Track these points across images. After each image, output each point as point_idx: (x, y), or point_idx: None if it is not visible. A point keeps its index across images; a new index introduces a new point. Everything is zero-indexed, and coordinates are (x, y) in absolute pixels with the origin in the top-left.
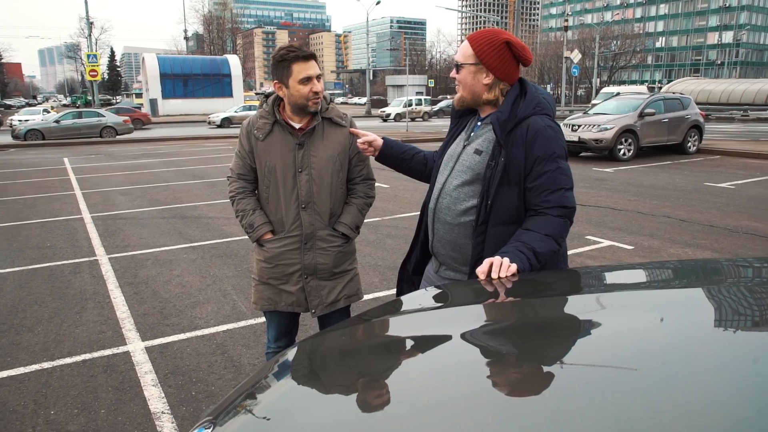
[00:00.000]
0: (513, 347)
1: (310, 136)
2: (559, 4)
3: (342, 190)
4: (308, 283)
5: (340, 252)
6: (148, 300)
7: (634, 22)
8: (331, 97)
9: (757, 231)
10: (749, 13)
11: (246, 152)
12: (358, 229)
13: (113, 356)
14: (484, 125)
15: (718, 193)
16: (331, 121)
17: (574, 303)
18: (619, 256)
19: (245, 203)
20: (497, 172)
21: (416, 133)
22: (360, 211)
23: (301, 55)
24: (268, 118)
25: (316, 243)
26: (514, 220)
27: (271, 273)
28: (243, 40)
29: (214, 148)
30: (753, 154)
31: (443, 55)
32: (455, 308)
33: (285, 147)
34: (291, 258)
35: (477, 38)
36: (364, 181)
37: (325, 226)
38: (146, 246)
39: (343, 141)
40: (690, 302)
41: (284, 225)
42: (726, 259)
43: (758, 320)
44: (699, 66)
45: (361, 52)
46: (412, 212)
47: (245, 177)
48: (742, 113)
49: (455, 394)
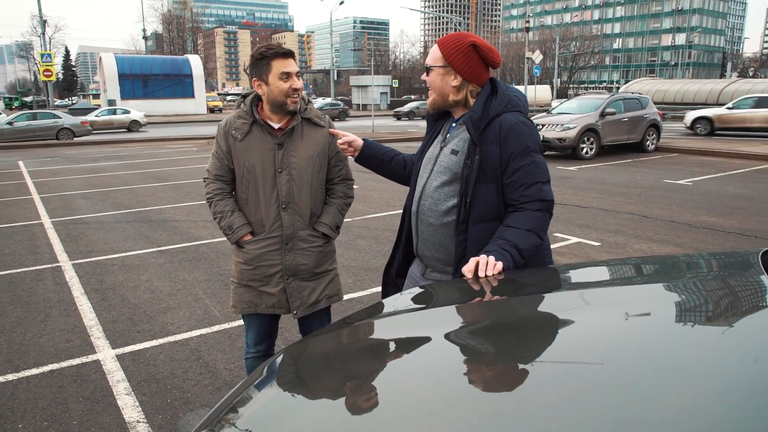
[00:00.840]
0: (497, 346)
1: (290, 136)
2: (519, 5)
3: (322, 191)
4: (289, 284)
5: (321, 252)
6: (117, 306)
7: (592, 24)
8: (309, 98)
9: (714, 226)
10: (700, 17)
11: (223, 153)
12: (338, 229)
13: (83, 365)
14: (458, 126)
15: (677, 189)
16: (310, 121)
17: (558, 300)
18: (587, 253)
19: (223, 205)
20: (473, 170)
21: (382, 133)
22: (340, 211)
23: (281, 52)
24: (247, 118)
25: (296, 243)
26: (494, 216)
27: (251, 275)
28: (204, 39)
29: (177, 149)
30: (708, 151)
31: (407, 56)
32: (440, 309)
33: (264, 147)
34: (272, 259)
35: (445, 42)
36: (343, 182)
37: (305, 226)
38: (111, 251)
39: (322, 141)
40: (664, 298)
41: (264, 226)
42: (687, 255)
43: (728, 314)
44: (654, 67)
45: (325, 52)
46: (382, 213)
47: (222, 178)
48: None
49: (444, 396)
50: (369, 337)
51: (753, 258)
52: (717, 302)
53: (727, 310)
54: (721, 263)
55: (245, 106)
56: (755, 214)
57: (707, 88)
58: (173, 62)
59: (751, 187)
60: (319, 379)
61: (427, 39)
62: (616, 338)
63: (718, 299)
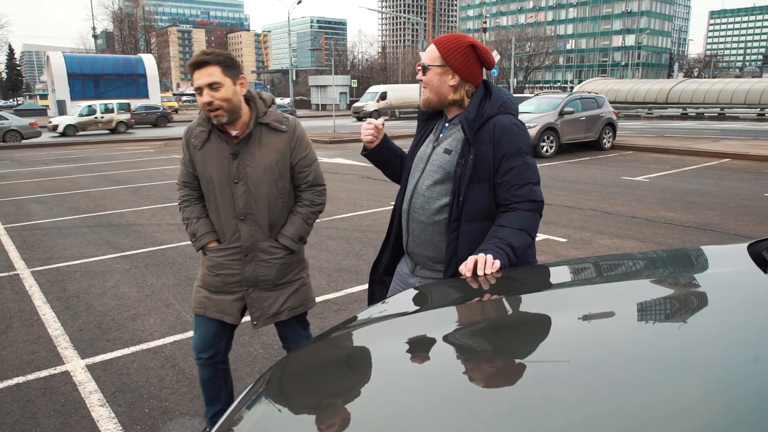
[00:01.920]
0: (497, 346)
1: (246, 145)
2: (476, 6)
3: (283, 200)
4: (249, 294)
5: (283, 264)
6: (83, 315)
7: (546, 25)
8: (273, 99)
9: (673, 221)
10: (648, 19)
11: (187, 161)
12: (302, 240)
13: (51, 377)
14: (451, 126)
15: (635, 186)
16: (269, 126)
17: (559, 298)
18: (555, 249)
19: (190, 211)
20: (467, 170)
21: (342, 133)
22: (305, 221)
23: (192, 63)
24: (205, 125)
25: (257, 255)
26: (486, 215)
27: (213, 281)
28: (157, 38)
29: (133, 151)
30: (661, 149)
31: (365, 56)
32: (439, 310)
33: (221, 156)
34: (232, 268)
35: (443, 42)
36: (310, 188)
37: (266, 237)
38: (72, 257)
39: (282, 148)
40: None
41: (225, 235)
42: (674, 250)
43: (720, 308)
44: (606, 67)
45: (282, 52)
46: (350, 213)
47: (189, 185)
48: (646, 111)
49: (447, 397)
50: (366, 342)
51: (739, 250)
52: (709, 296)
53: (720, 304)
54: (709, 257)
55: (204, 113)
56: (710, 209)
57: (656, 88)
58: (126, 61)
59: (704, 183)
60: (316, 391)
61: (385, 39)
62: (615, 336)
63: (710, 293)
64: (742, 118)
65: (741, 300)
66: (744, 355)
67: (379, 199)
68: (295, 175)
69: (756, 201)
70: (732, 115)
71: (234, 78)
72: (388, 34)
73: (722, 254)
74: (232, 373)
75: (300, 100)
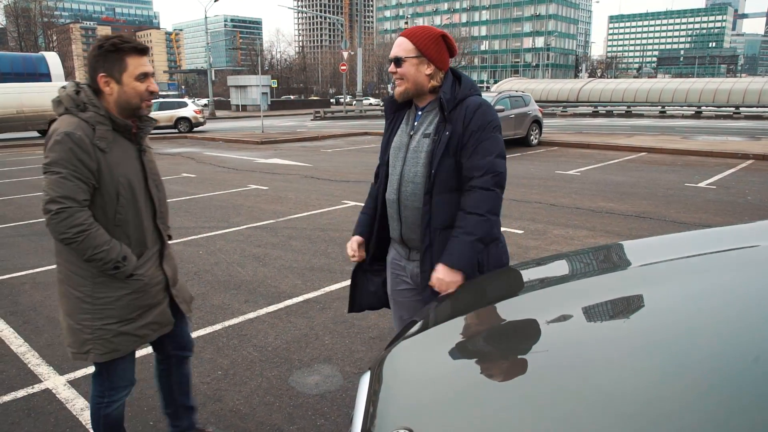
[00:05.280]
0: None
1: (143, 139)
2: (392, 7)
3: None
4: (173, 291)
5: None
6: (46, 329)
7: (461, 26)
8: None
9: (614, 210)
10: (556, 22)
11: (92, 171)
12: None
13: (31, 397)
14: (425, 113)
15: (569, 179)
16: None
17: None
18: (515, 240)
19: (103, 234)
20: (441, 144)
21: (272, 134)
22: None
23: (139, 48)
24: (106, 122)
25: (165, 252)
26: (453, 188)
27: (141, 302)
28: (59, 36)
29: None
30: (584, 144)
31: (284, 55)
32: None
33: (130, 155)
34: (158, 275)
35: (415, 34)
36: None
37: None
38: (14, 269)
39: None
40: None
41: (146, 243)
42: (658, 237)
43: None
44: (518, 67)
45: (194, 51)
46: (304, 213)
47: (88, 203)
48: (561, 109)
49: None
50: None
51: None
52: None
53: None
54: (748, 232)
55: (98, 107)
56: (642, 199)
57: (568, 87)
58: (26, 60)
59: (630, 175)
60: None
61: (303, 39)
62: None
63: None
64: (647, 115)
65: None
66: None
67: (329, 198)
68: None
69: (679, 190)
70: (638, 113)
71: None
72: (305, 34)
73: (745, 232)
74: (232, 378)
75: (219, 101)
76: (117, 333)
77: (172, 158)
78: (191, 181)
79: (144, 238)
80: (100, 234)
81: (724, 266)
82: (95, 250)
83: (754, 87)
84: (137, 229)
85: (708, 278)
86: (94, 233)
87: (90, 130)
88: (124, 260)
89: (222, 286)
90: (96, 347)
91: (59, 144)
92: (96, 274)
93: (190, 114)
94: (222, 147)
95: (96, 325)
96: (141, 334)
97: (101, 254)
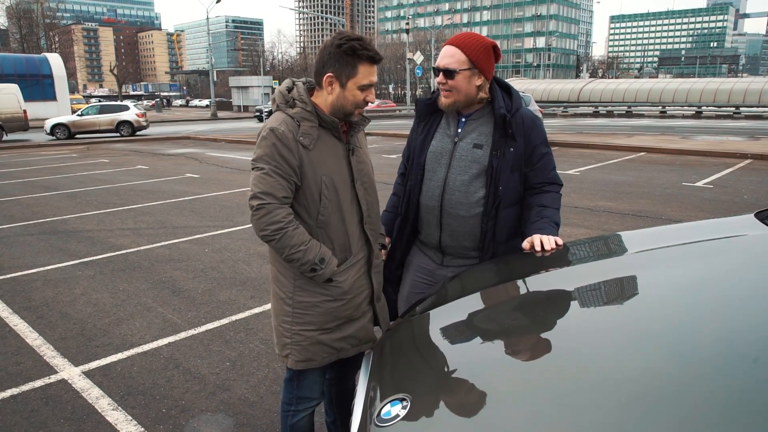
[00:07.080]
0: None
1: (354, 140)
2: (393, 8)
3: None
4: (376, 307)
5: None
6: (60, 323)
7: (462, 27)
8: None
9: (611, 209)
10: (557, 22)
11: (293, 168)
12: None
13: (48, 386)
14: (471, 121)
15: (568, 179)
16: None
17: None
18: None
19: (302, 234)
20: (505, 161)
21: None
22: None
23: (376, 58)
24: (312, 120)
25: (375, 262)
26: (516, 201)
27: (341, 312)
28: (61, 37)
29: (54, 156)
30: (584, 144)
31: (285, 56)
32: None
33: (336, 154)
34: (362, 285)
35: (468, 44)
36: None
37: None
38: (26, 266)
39: (365, 143)
40: None
41: (351, 249)
42: (673, 226)
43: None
44: (519, 67)
45: (196, 52)
46: None
47: (289, 200)
48: (562, 110)
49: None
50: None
51: (749, 220)
52: (745, 255)
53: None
54: (725, 226)
55: (306, 104)
56: (640, 198)
57: (569, 87)
58: (29, 61)
59: (629, 175)
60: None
61: (304, 39)
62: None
63: (742, 253)
64: (647, 115)
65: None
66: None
67: None
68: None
69: (677, 189)
70: (638, 113)
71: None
72: (306, 35)
73: (735, 223)
74: (240, 369)
75: (221, 102)
76: (314, 341)
77: (176, 159)
78: (195, 181)
79: (348, 243)
80: (298, 233)
81: (717, 251)
82: (292, 249)
83: (755, 87)
84: (341, 233)
85: (701, 263)
86: (292, 232)
87: (295, 126)
88: (321, 262)
89: (228, 282)
90: (294, 353)
91: (264, 140)
92: (296, 275)
93: (131, 118)
94: (224, 147)
95: (294, 330)
96: (338, 347)
97: (298, 254)
